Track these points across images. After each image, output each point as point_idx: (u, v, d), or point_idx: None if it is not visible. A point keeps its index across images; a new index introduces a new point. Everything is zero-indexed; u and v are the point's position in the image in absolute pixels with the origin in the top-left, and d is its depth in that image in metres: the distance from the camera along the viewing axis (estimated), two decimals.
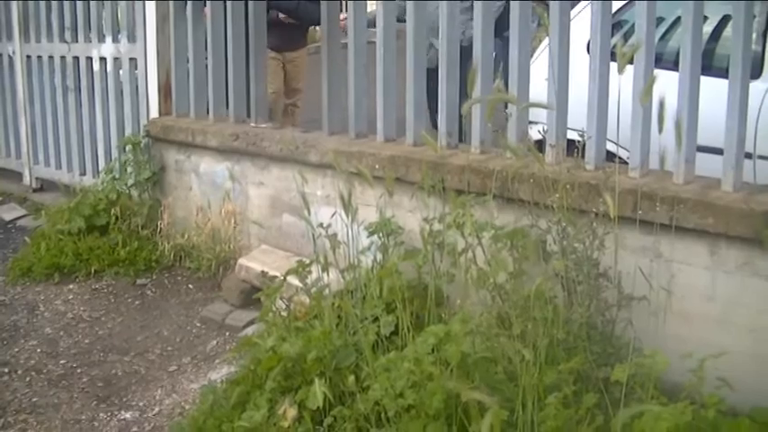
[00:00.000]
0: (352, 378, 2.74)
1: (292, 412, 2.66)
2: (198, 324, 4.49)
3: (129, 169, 5.49)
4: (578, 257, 2.93)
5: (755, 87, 3.90)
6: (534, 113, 3.82)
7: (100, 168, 6.07)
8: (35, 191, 7.04)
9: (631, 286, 2.93)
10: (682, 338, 2.90)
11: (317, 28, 7.12)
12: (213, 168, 5.07)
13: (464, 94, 3.09)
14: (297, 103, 6.93)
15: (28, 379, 3.95)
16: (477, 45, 3.71)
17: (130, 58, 5.74)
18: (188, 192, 5.27)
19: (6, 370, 4.04)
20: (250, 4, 4.87)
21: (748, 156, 3.71)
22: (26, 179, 7.14)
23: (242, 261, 4.58)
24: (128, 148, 5.49)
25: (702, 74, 3.24)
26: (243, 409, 3.04)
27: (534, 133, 3.78)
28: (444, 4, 3.81)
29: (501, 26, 4.34)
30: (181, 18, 5.24)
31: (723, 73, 3.05)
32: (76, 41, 6.27)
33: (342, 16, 4.94)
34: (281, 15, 6.38)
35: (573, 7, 4.11)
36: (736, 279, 2.89)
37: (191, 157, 5.23)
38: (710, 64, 4.35)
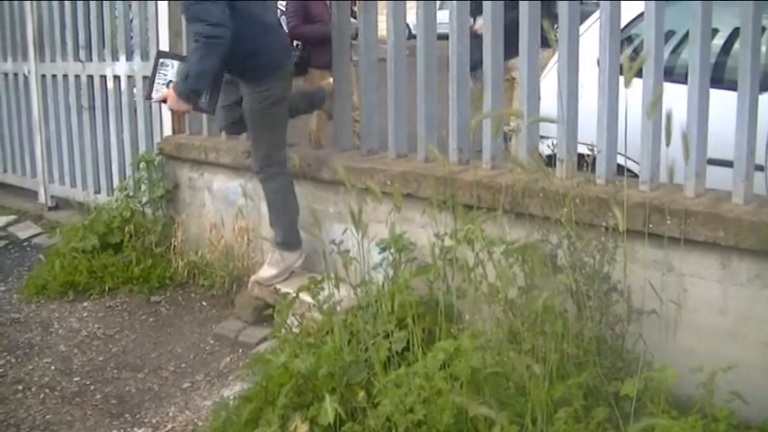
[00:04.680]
0: (362, 394, 2.74)
1: (304, 428, 2.67)
2: (211, 341, 4.50)
3: (142, 187, 5.52)
4: (588, 272, 2.93)
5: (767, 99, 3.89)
6: (545, 128, 3.81)
7: (114, 186, 6.10)
8: (50, 209, 7.09)
9: (643, 300, 2.92)
10: (694, 352, 2.89)
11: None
12: (226, 185, 5.09)
13: None
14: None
15: (42, 396, 3.97)
16: (487, 59, 3.72)
17: (144, 77, 5.76)
18: (201, 209, 5.30)
19: (20, 387, 4.06)
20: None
21: (760, 168, 3.69)
22: (41, 197, 7.20)
23: (255, 278, 4.59)
24: (141, 165, 5.53)
25: (715, 87, 3.23)
26: (255, 426, 3.05)
27: (545, 148, 3.77)
28: (454, 19, 3.81)
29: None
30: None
31: (735, 86, 3.04)
32: (91, 60, 6.33)
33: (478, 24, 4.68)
34: None
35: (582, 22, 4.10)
36: (748, 292, 2.87)
37: (204, 175, 5.26)
38: (722, 77, 4.34)
